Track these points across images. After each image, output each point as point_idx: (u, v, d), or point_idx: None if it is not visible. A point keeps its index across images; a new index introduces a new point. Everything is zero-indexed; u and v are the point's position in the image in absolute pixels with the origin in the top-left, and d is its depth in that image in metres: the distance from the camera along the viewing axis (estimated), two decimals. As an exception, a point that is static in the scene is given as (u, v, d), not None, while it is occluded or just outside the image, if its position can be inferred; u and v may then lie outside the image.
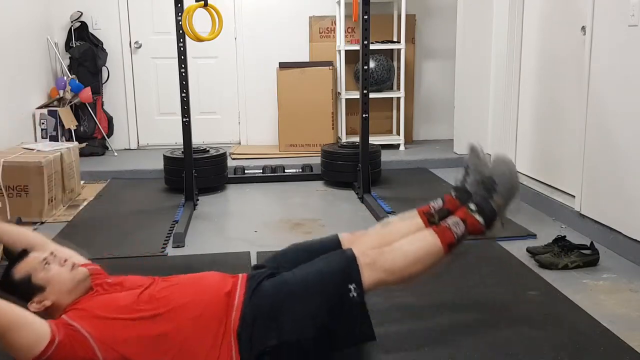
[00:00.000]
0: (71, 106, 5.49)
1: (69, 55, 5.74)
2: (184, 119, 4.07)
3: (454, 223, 2.09)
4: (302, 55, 6.01)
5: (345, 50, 5.72)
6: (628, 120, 3.05)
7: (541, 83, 4.12)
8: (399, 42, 5.75)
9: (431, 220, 2.20)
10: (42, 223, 3.84)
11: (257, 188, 4.77)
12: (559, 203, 3.78)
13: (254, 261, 3.13)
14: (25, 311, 1.77)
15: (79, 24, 5.78)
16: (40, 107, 5.27)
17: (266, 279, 1.95)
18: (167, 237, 3.54)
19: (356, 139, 4.96)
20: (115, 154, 5.79)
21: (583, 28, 3.47)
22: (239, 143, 6.22)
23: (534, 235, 3.45)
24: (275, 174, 5.02)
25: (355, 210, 4.12)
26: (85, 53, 5.68)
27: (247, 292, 1.90)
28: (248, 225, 3.81)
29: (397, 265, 1.98)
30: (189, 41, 3.82)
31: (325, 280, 1.91)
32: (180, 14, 3.82)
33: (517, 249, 3.21)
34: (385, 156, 5.05)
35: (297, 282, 1.92)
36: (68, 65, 5.74)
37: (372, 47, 4.57)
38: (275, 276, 1.97)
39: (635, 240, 3.01)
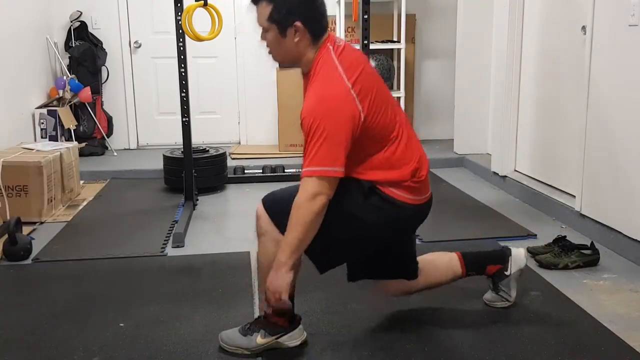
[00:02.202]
0: (71, 106, 5.48)
1: (69, 55, 5.74)
2: (184, 119, 4.07)
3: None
4: (302, 55, 6.00)
5: (345, 50, 5.71)
6: (628, 120, 3.04)
7: (541, 83, 4.11)
8: (399, 41, 5.74)
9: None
10: (42, 223, 3.84)
11: (257, 188, 4.76)
12: (559, 203, 3.78)
13: (254, 261, 3.12)
14: None
15: (79, 23, 5.78)
16: (40, 107, 5.27)
17: None
18: (166, 237, 3.53)
19: (356, 138, 4.95)
20: (115, 153, 5.79)
21: (583, 28, 3.46)
22: (239, 143, 6.22)
23: (534, 235, 3.45)
24: (275, 174, 5.02)
25: (355, 210, 4.11)
26: (84, 53, 5.67)
27: None
28: (248, 225, 3.77)
29: None
30: (188, 41, 3.82)
31: None
32: (180, 13, 3.81)
33: (517, 249, 3.21)
34: (385, 156, 5.05)
35: None
36: (67, 65, 5.73)
37: (372, 46, 4.56)
38: None
39: (636, 240, 3.01)
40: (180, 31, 3.86)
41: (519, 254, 2.46)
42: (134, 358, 2.19)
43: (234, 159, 5.49)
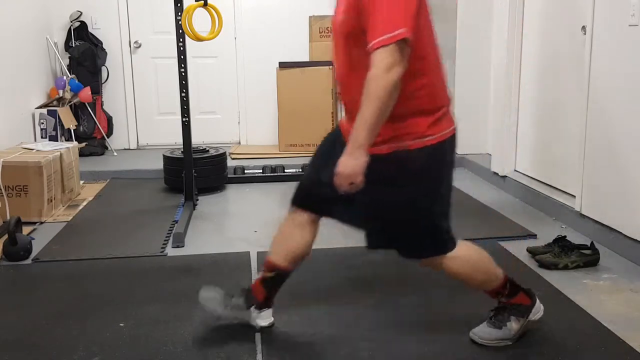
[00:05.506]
0: (71, 106, 5.49)
1: (69, 55, 5.74)
2: (184, 119, 4.07)
3: None
4: (302, 55, 6.01)
5: (345, 50, 5.71)
6: (628, 120, 3.04)
7: (541, 83, 4.11)
8: (398, 42, 5.73)
9: None
10: (42, 223, 3.84)
11: (257, 188, 4.76)
12: (559, 203, 3.78)
13: (254, 261, 3.13)
14: None
15: (79, 23, 5.78)
16: (40, 107, 5.27)
17: None
18: (166, 237, 3.53)
19: (356, 138, 4.94)
20: (115, 153, 5.79)
21: (583, 28, 3.46)
22: (239, 143, 6.22)
23: (534, 235, 3.45)
24: (275, 174, 5.02)
25: (355, 210, 4.11)
26: (84, 53, 5.68)
27: None
28: (248, 225, 3.81)
29: None
30: (188, 41, 3.82)
31: None
32: (180, 13, 3.82)
33: (517, 249, 3.21)
34: (385, 156, 5.04)
35: None
36: (67, 65, 5.74)
37: (372, 47, 4.56)
38: None
39: (636, 240, 3.01)
40: (180, 31, 3.86)
41: (540, 307, 2.30)
42: (134, 358, 2.19)
43: (234, 159, 5.49)
